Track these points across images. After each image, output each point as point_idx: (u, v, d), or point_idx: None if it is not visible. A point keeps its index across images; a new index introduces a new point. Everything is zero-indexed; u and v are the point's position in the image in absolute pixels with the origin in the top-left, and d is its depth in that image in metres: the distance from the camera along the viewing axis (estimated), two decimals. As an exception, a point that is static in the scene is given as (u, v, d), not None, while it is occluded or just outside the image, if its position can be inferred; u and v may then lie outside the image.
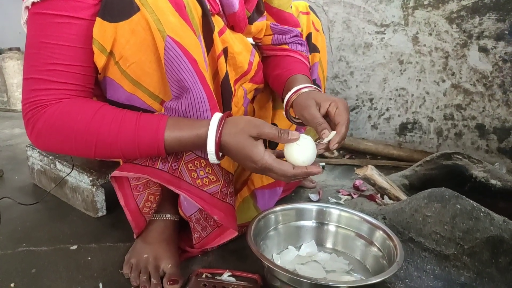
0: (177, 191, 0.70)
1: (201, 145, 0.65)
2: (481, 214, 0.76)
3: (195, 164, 0.71)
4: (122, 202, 0.79)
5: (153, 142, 0.65)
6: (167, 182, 0.70)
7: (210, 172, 0.72)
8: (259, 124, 0.65)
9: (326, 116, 0.74)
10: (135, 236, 0.82)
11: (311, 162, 0.67)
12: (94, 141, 0.64)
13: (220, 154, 0.67)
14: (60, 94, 0.65)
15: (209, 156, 0.66)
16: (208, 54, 0.72)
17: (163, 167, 0.71)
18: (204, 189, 0.72)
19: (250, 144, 0.64)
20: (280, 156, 0.68)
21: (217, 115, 0.65)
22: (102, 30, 0.62)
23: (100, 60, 0.65)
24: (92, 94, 0.70)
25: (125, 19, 0.62)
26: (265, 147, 0.66)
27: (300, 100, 0.78)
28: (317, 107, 0.74)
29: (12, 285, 0.73)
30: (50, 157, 1.07)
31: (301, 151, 0.66)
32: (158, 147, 0.65)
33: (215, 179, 0.72)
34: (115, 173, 0.72)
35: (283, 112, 0.85)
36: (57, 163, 1.05)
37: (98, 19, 0.62)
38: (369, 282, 0.64)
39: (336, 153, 1.50)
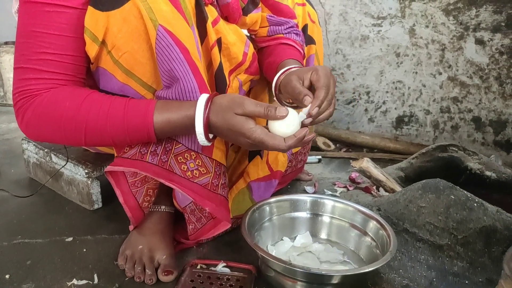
0: (167, 183, 0.70)
1: (190, 126, 0.64)
2: (475, 204, 0.77)
3: (185, 156, 0.71)
4: (121, 200, 0.78)
5: (143, 126, 0.64)
6: (156, 175, 0.69)
7: (200, 164, 0.71)
8: (242, 102, 0.62)
9: (312, 87, 0.72)
10: (130, 228, 0.82)
11: (293, 133, 0.64)
12: (83, 128, 0.64)
13: (211, 136, 0.66)
14: (50, 83, 0.64)
15: (198, 137, 0.64)
16: (201, 44, 0.72)
17: (152, 160, 0.70)
18: (195, 181, 0.71)
19: (239, 121, 0.62)
20: None
21: (204, 96, 0.64)
22: (94, 19, 0.62)
23: (92, 49, 0.64)
24: (83, 84, 0.70)
25: (117, 7, 0.61)
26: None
27: (284, 79, 0.77)
28: (300, 81, 0.73)
29: (7, 276, 0.73)
30: (46, 150, 1.07)
31: (286, 124, 0.63)
32: (148, 131, 0.65)
33: (205, 171, 0.72)
34: (108, 168, 0.72)
35: (274, 98, 0.85)
36: (52, 156, 1.05)
37: (89, 8, 0.62)
38: (362, 271, 0.64)
39: (332, 146, 1.50)
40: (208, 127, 0.64)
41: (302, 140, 0.64)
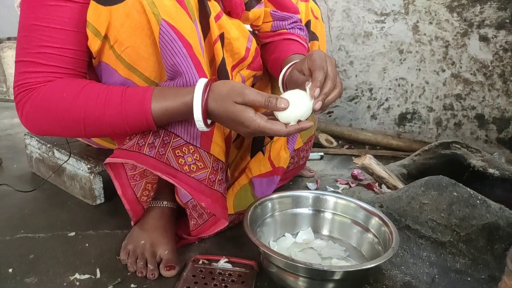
0: (163, 176, 0.69)
1: (189, 113, 0.63)
2: (478, 201, 0.76)
3: (183, 150, 0.70)
4: (119, 192, 0.79)
5: (141, 114, 0.64)
6: (153, 168, 0.69)
7: (198, 158, 0.71)
8: (243, 91, 0.61)
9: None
10: (132, 223, 0.82)
11: (305, 116, 0.63)
12: (81, 118, 0.64)
13: (210, 121, 0.65)
14: (49, 77, 0.64)
15: (197, 124, 0.64)
16: (204, 39, 0.71)
17: (149, 152, 0.70)
18: (192, 176, 0.71)
19: (238, 110, 0.61)
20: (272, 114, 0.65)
21: (202, 81, 0.63)
22: (96, 13, 0.62)
23: (94, 44, 0.64)
24: (84, 78, 0.69)
25: (119, 2, 0.61)
26: None
27: (288, 75, 0.77)
28: (301, 73, 0.72)
29: (10, 270, 0.74)
30: (48, 145, 1.07)
31: (289, 111, 0.62)
32: (146, 119, 0.64)
33: (202, 166, 0.72)
34: (107, 160, 0.72)
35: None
36: (55, 151, 1.05)
37: (92, 2, 0.62)
38: (364, 267, 0.64)
39: (334, 143, 1.50)
40: (207, 114, 0.63)
41: (303, 130, 0.64)
